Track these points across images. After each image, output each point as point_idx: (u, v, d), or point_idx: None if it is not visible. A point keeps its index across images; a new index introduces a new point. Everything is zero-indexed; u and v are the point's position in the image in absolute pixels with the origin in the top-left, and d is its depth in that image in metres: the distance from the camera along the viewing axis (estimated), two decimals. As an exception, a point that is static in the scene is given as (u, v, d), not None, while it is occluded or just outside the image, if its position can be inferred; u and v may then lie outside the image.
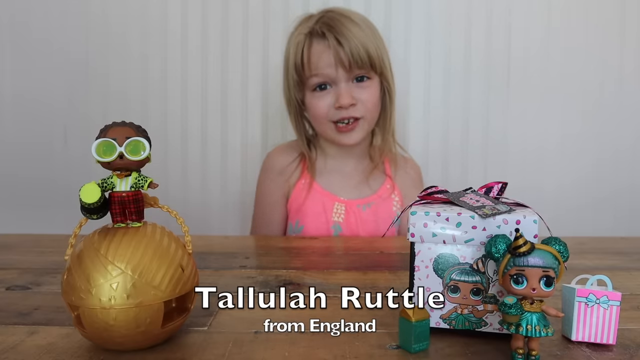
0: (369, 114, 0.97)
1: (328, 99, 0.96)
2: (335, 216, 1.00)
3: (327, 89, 0.96)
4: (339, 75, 0.94)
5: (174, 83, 1.27)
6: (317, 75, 0.95)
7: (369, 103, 0.96)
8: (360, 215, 1.00)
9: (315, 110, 0.97)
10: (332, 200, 1.01)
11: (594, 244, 0.87)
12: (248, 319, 0.49)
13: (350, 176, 1.04)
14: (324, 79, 0.95)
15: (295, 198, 1.02)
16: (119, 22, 1.25)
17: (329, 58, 0.93)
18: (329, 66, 0.93)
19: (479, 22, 1.15)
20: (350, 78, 0.95)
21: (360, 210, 1.00)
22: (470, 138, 1.29)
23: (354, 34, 0.93)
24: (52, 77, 1.27)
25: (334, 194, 1.01)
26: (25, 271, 0.66)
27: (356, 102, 0.95)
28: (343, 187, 1.02)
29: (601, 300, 0.43)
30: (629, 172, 1.32)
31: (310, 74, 0.96)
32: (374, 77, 0.97)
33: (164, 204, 0.45)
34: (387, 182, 1.04)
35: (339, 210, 1.00)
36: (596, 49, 1.28)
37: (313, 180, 1.02)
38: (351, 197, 1.01)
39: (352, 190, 1.02)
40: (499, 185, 0.49)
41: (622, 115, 1.30)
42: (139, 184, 0.42)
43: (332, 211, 1.00)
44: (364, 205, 1.00)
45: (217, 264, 0.71)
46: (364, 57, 0.93)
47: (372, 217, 1.00)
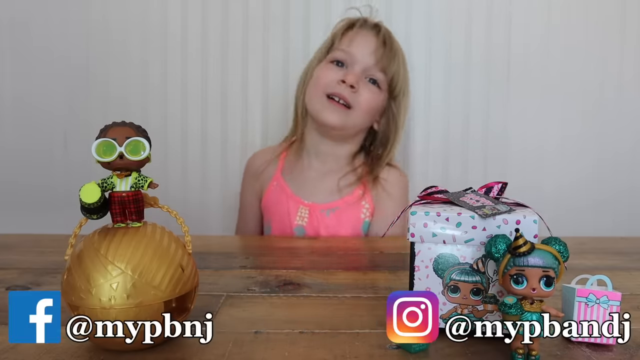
0: (360, 111, 0.97)
1: (337, 73, 0.97)
2: (298, 219, 1.00)
3: (341, 66, 0.98)
4: (361, 60, 0.96)
5: (174, 83, 1.27)
6: (343, 50, 0.98)
7: (364, 102, 0.97)
8: (323, 220, 1.00)
9: (318, 78, 0.99)
10: (297, 203, 1.01)
11: (594, 244, 0.87)
12: (248, 319, 0.49)
13: (322, 179, 1.03)
14: (346, 59, 0.97)
15: (267, 199, 1.05)
16: (119, 27, 1.25)
17: (364, 42, 0.97)
18: (359, 48, 0.97)
19: (479, 20, 1.15)
20: (366, 73, 0.97)
21: (323, 215, 1.00)
22: (471, 138, 1.29)
23: (395, 46, 1.00)
24: (52, 82, 1.27)
25: (300, 197, 1.02)
26: (25, 271, 0.66)
27: (357, 90, 0.96)
28: (311, 190, 1.02)
29: (601, 300, 0.43)
30: (629, 173, 1.32)
31: (339, 48, 0.99)
32: (383, 92, 1.00)
33: (164, 204, 0.45)
34: (360, 188, 1.02)
35: (303, 213, 1.00)
36: (596, 48, 1.28)
37: (284, 182, 1.03)
38: (316, 200, 1.01)
39: (319, 194, 1.02)
40: (499, 185, 0.49)
41: (622, 115, 1.30)
42: (139, 184, 0.42)
43: (297, 214, 1.00)
44: (327, 210, 1.00)
45: (217, 264, 0.71)
46: (390, 68, 0.98)
47: (335, 222, 0.99)
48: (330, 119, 0.96)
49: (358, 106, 0.97)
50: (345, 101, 0.96)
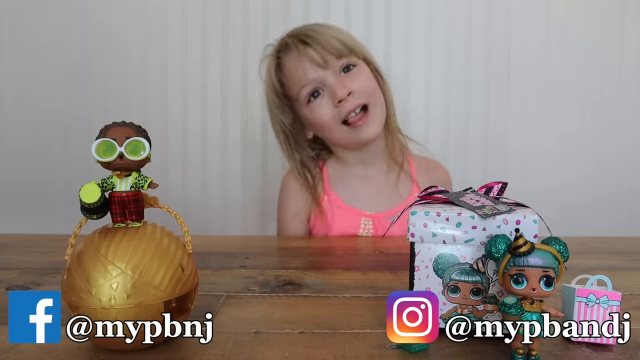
0: (372, 98, 0.92)
1: (325, 102, 0.91)
2: (362, 231, 0.96)
3: (321, 93, 0.92)
4: (324, 74, 0.90)
5: (174, 84, 1.27)
6: (303, 85, 0.91)
7: (366, 88, 0.91)
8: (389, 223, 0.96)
9: (319, 120, 0.92)
10: (358, 215, 0.96)
11: (594, 244, 0.87)
12: (248, 319, 0.49)
13: (375, 185, 0.99)
14: (313, 86, 0.91)
15: (320, 216, 0.98)
16: (119, 24, 1.25)
17: (303, 63, 0.90)
18: (309, 70, 0.90)
19: (479, 20, 1.15)
20: (337, 71, 0.91)
21: (388, 222, 0.95)
22: (471, 138, 1.29)
23: (318, 31, 0.91)
24: (52, 79, 1.27)
25: (359, 208, 0.97)
26: (25, 271, 0.66)
27: (353, 91, 0.90)
28: (369, 199, 0.97)
29: (601, 300, 0.43)
30: (629, 172, 1.32)
31: (297, 89, 0.92)
32: (359, 63, 0.93)
33: (164, 204, 0.45)
34: (414, 189, 0.99)
35: (367, 225, 0.95)
36: (596, 47, 1.28)
37: (336, 196, 0.98)
38: (378, 209, 0.97)
39: (380, 202, 0.97)
40: (499, 185, 0.49)
41: (622, 115, 1.30)
42: (139, 184, 0.42)
43: (360, 227, 0.96)
44: (392, 217, 0.96)
45: (217, 264, 0.71)
46: (337, 45, 0.89)
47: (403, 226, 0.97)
48: (369, 133, 0.92)
49: (367, 96, 0.92)
50: (358, 106, 0.91)
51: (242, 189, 1.29)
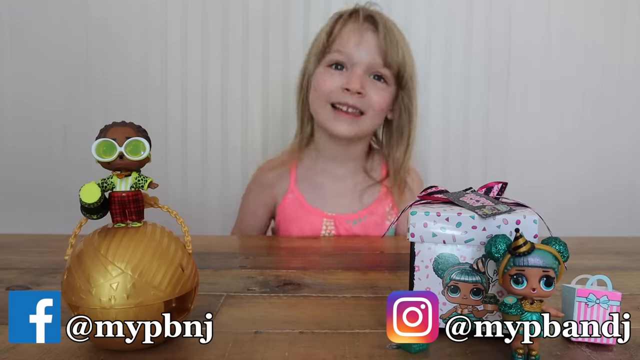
0: (373, 114, 0.91)
1: (338, 79, 0.90)
2: (324, 232, 0.96)
3: (342, 69, 0.90)
4: (362, 59, 0.89)
5: (174, 84, 1.27)
6: (340, 52, 0.90)
7: (376, 104, 0.90)
8: (351, 230, 0.96)
9: (320, 86, 0.91)
10: (320, 216, 0.96)
11: (594, 244, 0.87)
12: (248, 319, 0.49)
13: (340, 186, 0.99)
14: (345, 59, 0.90)
15: (283, 213, 0.98)
16: (119, 24, 1.25)
17: (361, 39, 0.89)
18: (357, 46, 0.89)
19: (479, 19, 1.15)
20: (369, 71, 0.90)
21: (350, 225, 0.96)
22: (471, 138, 1.29)
23: (397, 37, 0.90)
24: (52, 79, 1.27)
25: (322, 210, 0.96)
26: (25, 271, 0.66)
27: (365, 94, 0.89)
28: (332, 201, 0.97)
29: (601, 300, 0.43)
30: (629, 171, 1.32)
31: (333, 49, 0.91)
32: (391, 85, 0.93)
33: (164, 204, 0.45)
34: (382, 192, 0.99)
35: (329, 226, 0.95)
36: (596, 46, 1.28)
37: (301, 195, 0.98)
38: (340, 211, 0.96)
39: (342, 205, 0.97)
40: (499, 185, 0.49)
41: (622, 114, 1.30)
42: (139, 184, 0.42)
43: (322, 227, 0.96)
44: (354, 220, 0.96)
45: (217, 264, 0.71)
46: (395, 60, 0.89)
47: (363, 230, 0.96)
48: (341, 130, 0.90)
49: (370, 110, 0.91)
50: (355, 109, 0.90)
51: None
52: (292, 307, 0.53)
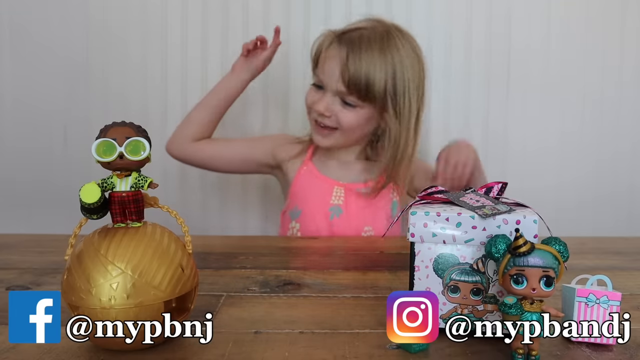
0: (344, 131, 0.98)
1: (316, 97, 0.98)
2: (334, 199, 1.01)
3: (320, 90, 0.98)
4: (329, 84, 0.95)
5: (174, 84, 1.27)
6: (318, 75, 0.99)
7: (344, 124, 0.96)
8: (359, 198, 1.01)
9: (306, 99, 1.01)
10: (331, 184, 1.02)
11: (594, 244, 0.87)
12: (248, 319, 0.49)
13: (348, 165, 1.05)
14: (320, 80, 0.98)
15: (297, 184, 1.04)
16: (119, 24, 1.25)
17: (331, 64, 0.95)
18: (326, 72, 0.95)
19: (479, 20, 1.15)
20: (338, 94, 0.95)
21: (359, 193, 1.01)
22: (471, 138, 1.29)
23: (367, 58, 0.91)
24: (52, 79, 1.27)
25: (333, 178, 1.03)
26: (25, 271, 0.66)
27: (331, 115, 0.96)
28: (341, 173, 1.04)
29: (601, 300, 0.43)
30: (628, 172, 1.32)
31: (318, 69, 0.99)
32: (363, 107, 0.94)
33: (164, 204, 0.45)
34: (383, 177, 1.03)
35: (339, 193, 1.01)
36: (596, 47, 1.28)
37: (314, 167, 1.04)
38: (350, 180, 1.03)
39: (350, 175, 1.03)
40: (499, 185, 0.49)
41: (622, 114, 1.30)
42: (139, 184, 0.42)
43: (332, 194, 1.01)
44: (364, 188, 1.01)
45: (217, 264, 0.71)
46: (359, 84, 0.91)
47: (372, 201, 1.01)
48: (321, 143, 1.00)
49: (341, 127, 0.97)
50: (326, 125, 0.97)
51: (242, 189, 1.29)
52: (292, 307, 0.53)
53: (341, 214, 1.00)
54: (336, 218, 1.00)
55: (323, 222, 1.00)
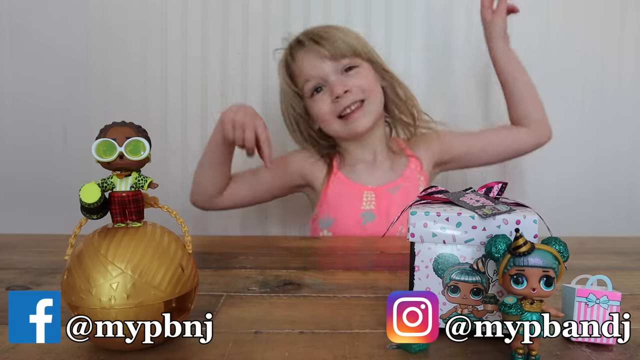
0: (369, 95, 0.99)
1: (326, 97, 0.99)
2: (365, 204, 1.01)
3: (323, 89, 1.00)
4: (326, 70, 0.98)
5: (174, 84, 1.27)
6: (308, 80, 1.00)
7: (363, 85, 0.98)
8: (392, 199, 1.01)
9: (319, 112, 1.01)
10: (360, 190, 1.02)
11: (594, 244, 0.87)
12: (248, 319, 0.50)
13: (373, 166, 1.06)
14: (316, 81, 0.99)
15: (329, 194, 1.03)
16: (119, 24, 1.25)
17: (311, 59, 0.98)
18: (315, 67, 0.98)
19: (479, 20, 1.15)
20: (339, 71, 0.98)
21: (390, 194, 1.01)
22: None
23: (329, 33, 1.00)
24: (52, 79, 1.27)
25: (361, 183, 1.03)
26: (25, 271, 0.66)
27: (350, 89, 0.97)
28: (369, 177, 1.04)
29: (601, 300, 0.43)
30: (628, 170, 1.32)
31: (303, 82, 1.01)
32: (361, 64, 1.00)
33: (164, 204, 0.45)
34: (412, 162, 1.05)
35: (369, 197, 1.02)
36: (596, 46, 1.28)
37: (342, 175, 1.05)
38: (379, 183, 1.03)
39: (378, 178, 1.04)
40: (499, 185, 0.49)
41: (621, 113, 1.30)
42: (139, 184, 0.42)
43: (362, 200, 1.02)
44: (393, 188, 1.02)
45: (217, 264, 0.71)
46: (343, 46, 0.98)
47: (404, 199, 1.01)
48: (360, 127, 0.99)
49: (363, 91, 0.98)
50: (354, 103, 0.98)
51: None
52: (292, 307, 0.53)
53: (374, 219, 1.00)
54: (369, 223, 1.00)
55: (356, 229, 1.00)
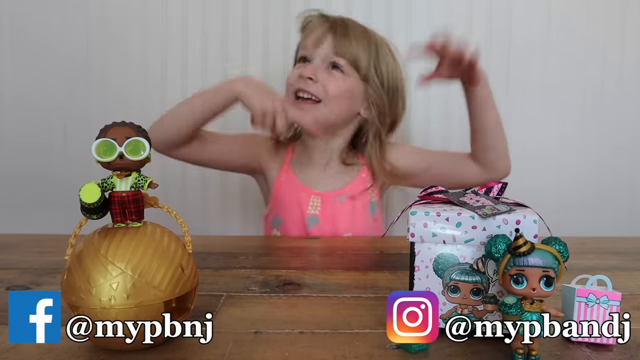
0: (328, 101, 0.94)
1: (300, 69, 0.96)
2: (311, 209, 1.00)
3: (306, 64, 0.97)
4: (318, 53, 0.96)
5: (174, 84, 1.27)
6: (304, 48, 0.99)
7: (330, 90, 0.94)
8: (337, 207, 1.00)
9: (289, 78, 0.99)
10: (308, 194, 1.01)
11: (594, 244, 0.87)
12: (248, 319, 0.49)
13: (324, 170, 1.03)
14: (306, 53, 0.97)
15: (277, 190, 1.03)
16: (119, 23, 1.25)
17: (317, 35, 0.96)
18: (313, 42, 0.96)
19: (479, 19, 1.15)
20: (328, 62, 0.96)
21: (336, 202, 1.00)
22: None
23: (353, 32, 0.96)
24: (52, 78, 1.27)
25: (310, 187, 1.02)
26: (25, 271, 0.66)
27: (316, 80, 0.94)
28: (319, 181, 1.02)
29: (601, 300, 0.43)
30: (628, 170, 1.32)
31: (301, 49, 0.99)
32: (351, 76, 0.96)
33: (164, 204, 0.45)
34: (363, 171, 1.03)
35: (315, 202, 1.00)
36: (596, 46, 1.28)
37: (292, 174, 1.03)
38: (327, 189, 1.01)
39: (328, 184, 1.02)
40: (499, 185, 0.49)
41: (622, 113, 1.30)
42: (139, 184, 0.42)
43: (308, 204, 1.00)
44: (339, 197, 1.01)
45: (217, 264, 0.71)
46: (351, 50, 0.95)
47: (349, 207, 1.00)
48: (301, 118, 0.90)
49: (326, 96, 0.94)
50: (310, 94, 0.94)
51: (242, 188, 1.29)
52: (292, 307, 0.53)
53: (317, 224, 1.00)
54: (313, 228, 0.99)
55: (301, 232, 1.00)
